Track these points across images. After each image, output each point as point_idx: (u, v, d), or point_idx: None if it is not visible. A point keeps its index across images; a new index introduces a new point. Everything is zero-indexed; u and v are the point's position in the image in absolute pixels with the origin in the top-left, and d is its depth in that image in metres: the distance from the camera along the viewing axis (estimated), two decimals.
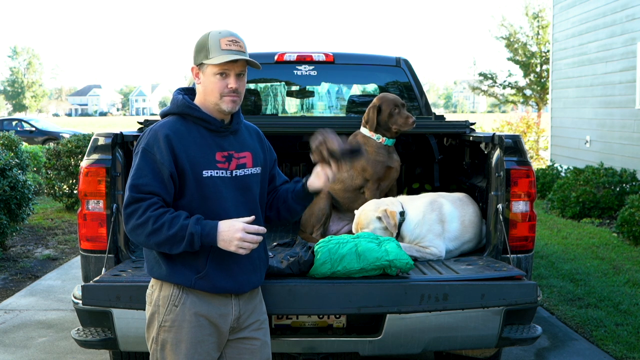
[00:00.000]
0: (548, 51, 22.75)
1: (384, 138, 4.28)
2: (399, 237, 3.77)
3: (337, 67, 5.44)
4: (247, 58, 2.59)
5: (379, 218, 3.71)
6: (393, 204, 3.83)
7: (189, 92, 2.75)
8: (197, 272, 2.56)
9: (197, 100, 2.67)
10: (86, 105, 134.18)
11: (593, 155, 12.44)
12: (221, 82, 2.58)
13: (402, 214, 3.79)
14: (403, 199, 3.92)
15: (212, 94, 2.60)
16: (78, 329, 3.33)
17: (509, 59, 25.87)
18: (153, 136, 2.56)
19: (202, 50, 2.60)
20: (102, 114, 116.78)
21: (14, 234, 8.06)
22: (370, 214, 3.75)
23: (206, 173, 2.58)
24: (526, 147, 3.83)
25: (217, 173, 2.60)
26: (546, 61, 23.65)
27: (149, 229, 2.45)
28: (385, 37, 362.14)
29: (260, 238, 2.49)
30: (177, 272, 2.57)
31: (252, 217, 2.53)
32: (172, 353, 2.60)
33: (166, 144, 2.53)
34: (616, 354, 4.78)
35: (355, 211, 3.90)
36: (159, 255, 2.59)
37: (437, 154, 4.82)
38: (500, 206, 3.57)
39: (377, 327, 3.22)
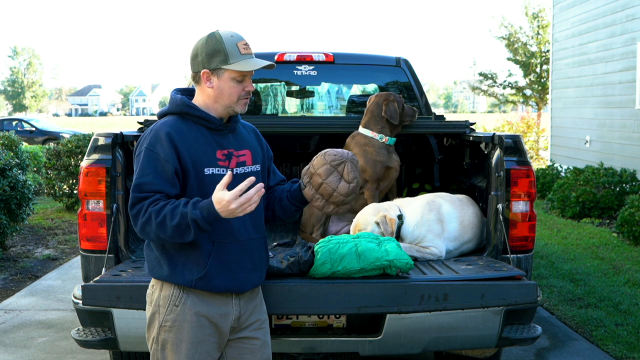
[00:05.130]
0: (548, 51, 22.74)
1: (387, 137, 4.27)
2: (398, 239, 3.77)
3: (337, 67, 5.44)
4: (270, 62, 2.64)
5: (378, 223, 3.71)
6: (391, 208, 3.83)
7: (186, 92, 2.76)
8: (198, 272, 2.56)
9: (199, 102, 2.67)
10: (86, 105, 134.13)
11: (593, 155, 12.44)
12: (238, 86, 2.62)
13: (400, 217, 3.79)
14: (400, 202, 3.92)
15: (229, 98, 2.62)
16: (78, 329, 3.33)
17: (509, 59, 25.86)
18: (155, 135, 2.57)
19: (217, 54, 2.58)
20: (102, 114, 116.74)
21: (14, 234, 8.06)
22: (369, 217, 3.75)
23: (208, 171, 2.59)
24: (526, 147, 3.83)
25: (218, 171, 2.61)
26: (546, 61, 23.63)
27: (154, 225, 2.45)
28: (385, 37, 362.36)
29: (254, 193, 2.37)
30: (178, 273, 2.57)
31: (229, 179, 2.42)
32: (173, 353, 2.60)
33: (169, 141, 2.54)
34: (616, 354, 4.78)
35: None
36: (161, 255, 2.60)
37: (437, 154, 4.82)
38: (500, 206, 3.57)
39: (377, 327, 3.22)
